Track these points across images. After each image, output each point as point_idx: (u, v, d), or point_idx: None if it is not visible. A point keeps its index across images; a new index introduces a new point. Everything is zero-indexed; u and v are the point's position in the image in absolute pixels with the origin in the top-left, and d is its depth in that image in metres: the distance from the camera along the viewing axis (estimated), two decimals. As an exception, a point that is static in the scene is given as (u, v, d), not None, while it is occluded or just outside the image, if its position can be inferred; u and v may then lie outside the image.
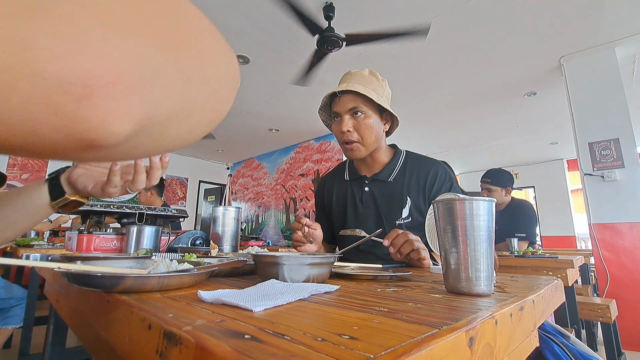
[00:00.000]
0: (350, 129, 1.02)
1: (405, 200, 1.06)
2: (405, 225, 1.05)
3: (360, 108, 1.02)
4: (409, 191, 1.06)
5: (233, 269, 0.68)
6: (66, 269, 0.46)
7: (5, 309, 2.01)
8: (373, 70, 1.08)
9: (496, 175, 2.59)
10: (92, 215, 1.13)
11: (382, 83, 1.07)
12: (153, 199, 2.83)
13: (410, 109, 4.48)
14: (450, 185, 1.06)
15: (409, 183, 1.07)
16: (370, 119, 1.03)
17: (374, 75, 1.07)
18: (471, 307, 0.39)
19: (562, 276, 1.69)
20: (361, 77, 1.05)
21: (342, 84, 1.05)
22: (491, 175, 2.60)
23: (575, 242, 6.70)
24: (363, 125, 1.03)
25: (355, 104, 1.02)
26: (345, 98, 1.03)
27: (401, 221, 1.05)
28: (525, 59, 3.30)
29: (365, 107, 1.03)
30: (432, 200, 1.05)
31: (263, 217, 6.79)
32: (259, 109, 4.62)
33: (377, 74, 1.07)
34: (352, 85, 1.01)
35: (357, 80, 1.04)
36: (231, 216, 1.07)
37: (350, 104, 1.02)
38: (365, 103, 1.03)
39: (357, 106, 1.02)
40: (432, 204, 0.56)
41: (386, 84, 1.09)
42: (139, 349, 0.32)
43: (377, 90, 1.04)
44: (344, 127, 1.02)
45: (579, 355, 0.64)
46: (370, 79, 1.05)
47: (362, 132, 1.03)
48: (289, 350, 0.22)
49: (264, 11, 2.62)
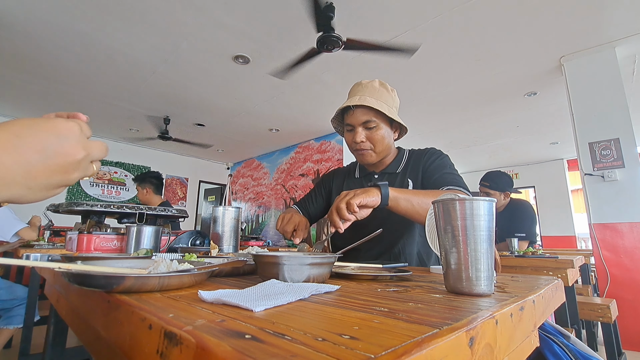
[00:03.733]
0: (363, 139, 1.09)
1: (407, 182, 1.13)
2: None
3: (373, 121, 1.07)
4: (410, 175, 1.14)
5: (233, 269, 0.68)
6: (67, 269, 0.46)
7: (8, 309, 2.02)
8: (382, 82, 1.13)
9: (495, 179, 2.53)
10: (92, 215, 1.13)
11: (392, 94, 1.12)
12: (149, 197, 2.82)
13: (410, 109, 4.49)
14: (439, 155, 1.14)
15: (410, 169, 1.16)
16: (382, 130, 1.09)
17: (384, 87, 1.11)
18: (471, 307, 0.39)
19: (562, 276, 1.69)
20: (372, 89, 1.09)
21: (354, 97, 1.08)
22: (489, 179, 2.54)
23: (575, 242, 6.70)
24: (375, 137, 1.09)
25: (368, 117, 1.07)
26: (359, 111, 1.07)
27: None
28: (525, 59, 3.30)
29: (377, 119, 1.08)
30: (424, 169, 1.11)
31: (263, 217, 6.79)
32: (259, 109, 4.62)
33: (387, 85, 1.12)
34: (365, 100, 1.05)
35: (369, 92, 1.08)
36: (231, 216, 1.07)
37: (363, 118, 1.07)
38: (377, 116, 1.07)
39: (370, 120, 1.07)
40: (432, 204, 0.56)
41: (395, 94, 1.14)
42: (139, 348, 0.32)
43: (388, 102, 1.09)
44: (358, 138, 1.08)
45: (579, 355, 0.64)
46: (381, 90, 1.10)
47: (375, 142, 1.09)
48: (290, 350, 0.22)
49: (264, 11, 2.62)
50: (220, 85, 3.91)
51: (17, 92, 4.16)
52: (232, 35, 2.93)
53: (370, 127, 1.08)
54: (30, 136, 0.31)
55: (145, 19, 2.74)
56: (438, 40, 2.99)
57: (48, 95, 4.22)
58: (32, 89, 4.07)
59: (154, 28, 2.85)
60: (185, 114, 4.82)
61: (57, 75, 3.69)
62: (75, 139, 0.34)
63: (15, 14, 2.68)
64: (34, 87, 4.00)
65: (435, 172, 1.08)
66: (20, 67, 3.54)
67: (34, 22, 2.78)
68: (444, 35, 2.92)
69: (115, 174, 6.13)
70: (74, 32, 2.91)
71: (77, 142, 0.34)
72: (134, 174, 6.19)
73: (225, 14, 2.67)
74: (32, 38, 3.00)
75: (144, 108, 4.63)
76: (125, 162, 6.27)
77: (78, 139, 0.35)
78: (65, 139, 0.34)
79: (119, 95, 4.20)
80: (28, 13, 2.67)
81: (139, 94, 4.18)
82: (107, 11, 2.64)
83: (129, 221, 1.18)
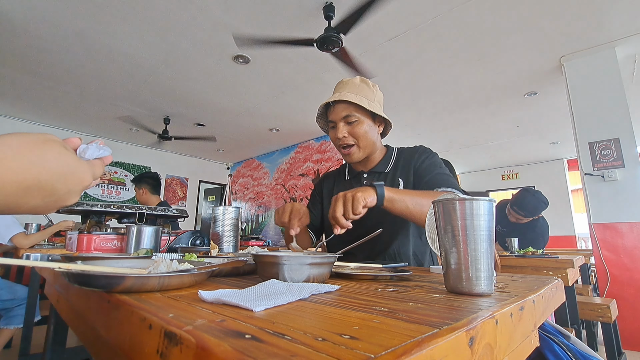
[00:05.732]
0: (345, 134, 1.09)
1: (398, 182, 1.13)
2: None
3: (353, 115, 1.08)
4: (401, 174, 1.14)
5: (233, 269, 0.68)
6: (67, 269, 0.46)
7: (8, 309, 2.01)
8: (363, 78, 1.14)
9: (531, 210, 2.55)
10: (92, 215, 1.13)
11: (373, 89, 1.13)
12: (147, 197, 2.83)
13: (410, 109, 4.48)
14: (429, 154, 1.14)
15: (400, 168, 1.16)
16: (364, 124, 1.09)
17: (365, 82, 1.13)
18: (471, 307, 0.39)
19: (562, 276, 1.69)
20: (352, 85, 1.11)
21: (335, 94, 1.11)
22: (525, 209, 2.55)
23: (575, 242, 6.70)
24: (358, 131, 1.09)
25: (348, 111, 1.08)
26: (339, 107, 1.09)
27: None
28: (525, 59, 3.30)
29: (358, 114, 1.08)
30: (415, 168, 1.10)
31: (263, 217, 6.79)
32: (259, 109, 4.62)
33: (368, 81, 1.13)
34: (344, 95, 1.07)
35: (349, 88, 1.10)
36: (231, 216, 1.07)
37: (343, 112, 1.08)
38: (357, 110, 1.08)
39: (350, 114, 1.08)
40: (432, 204, 0.56)
41: (377, 89, 1.15)
42: (139, 348, 0.32)
43: (368, 97, 1.10)
44: (339, 134, 1.09)
45: (579, 355, 0.64)
46: (362, 86, 1.11)
47: (357, 137, 1.10)
48: (290, 350, 0.22)
49: (264, 11, 2.62)
50: (220, 85, 3.91)
51: (17, 92, 4.16)
52: (232, 35, 2.93)
53: (351, 121, 1.08)
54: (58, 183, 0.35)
55: (146, 19, 2.73)
56: (438, 40, 2.99)
57: (48, 95, 4.22)
58: (32, 89, 4.07)
59: (154, 28, 2.85)
60: (185, 114, 4.82)
61: (57, 75, 3.69)
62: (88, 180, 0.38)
63: (15, 14, 2.68)
64: (34, 86, 4.00)
65: (427, 173, 1.08)
66: (20, 67, 3.54)
67: (34, 22, 2.78)
68: (444, 35, 2.92)
69: (115, 174, 6.13)
70: (74, 32, 2.91)
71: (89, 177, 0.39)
72: (133, 174, 6.19)
73: (225, 14, 2.67)
74: (32, 38, 3.00)
75: (144, 108, 4.63)
76: (125, 162, 6.27)
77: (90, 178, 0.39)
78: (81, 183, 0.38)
79: (119, 95, 4.20)
80: (28, 13, 2.67)
81: (139, 94, 4.18)
82: (108, 11, 2.64)
83: (129, 221, 1.18)
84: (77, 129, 5.54)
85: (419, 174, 1.10)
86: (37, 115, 4.96)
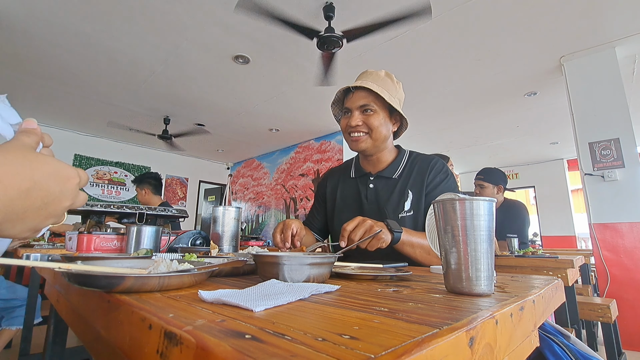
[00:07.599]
0: (359, 122, 1.06)
1: (407, 194, 1.09)
2: (407, 219, 1.07)
3: (371, 106, 1.06)
4: (412, 186, 1.10)
5: (233, 269, 0.68)
6: (67, 269, 0.46)
7: (9, 310, 2.01)
8: (389, 72, 1.11)
9: (489, 173, 2.66)
10: (92, 215, 1.13)
11: (397, 85, 1.11)
12: (149, 197, 2.83)
13: (410, 109, 4.49)
14: (445, 176, 1.10)
15: (411, 178, 1.11)
16: (380, 117, 1.07)
17: (389, 77, 1.10)
18: (471, 307, 0.39)
19: (562, 276, 1.69)
20: (377, 76, 1.08)
21: (357, 81, 1.08)
22: (484, 173, 2.68)
23: (575, 242, 6.70)
24: (373, 122, 1.06)
25: (367, 101, 1.05)
26: (358, 95, 1.06)
27: (403, 214, 1.07)
28: (525, 59, 3.30)
29: (376, 105, 1.06)
30: (428, 188, 1.07)
31: (263, 217, 6.79)
32: (259, 109, 4.62)
33: (393, 76, 1.11)
34: (366, 83, 1.04)
35: (373, 79, 1.07)
36: (231, 216, 1.07)
37: (362, 101, 1.06)
38: (376, 102, 1.06)
39: (368, 104, 1.05)
40: (432, 204, 0.56)
41: (400, 86, 1.13)
42: (139, 348, 0.32)
43: (390, 91, 1.07)
44: (353, 121, 1.06)
45: (579, 355, 0.64)
46: (385, 79, 1.09)
47: (371, 127, 1.07)
48: (290, 350, 0.22)
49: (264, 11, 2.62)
50: (220, 85, 3.91)
51: (17, 92, 4.16)
52: (232, 35, 2.93)
53: (367, 111, 1.06)
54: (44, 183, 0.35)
55: (146, 19, 2.73)
56: (438, 40, 2.99)
57: (48, 95, 4.22)
58: (32, 89, 4.07)
59: (154, 28, 2.85)
60: (185, 114, 4.82)
61: (57, 75, 3.69)
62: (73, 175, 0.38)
63: (15, 13, 2.68)
64: (34, 86, 4.00)
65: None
66: (20, 67, 3.54)
67: (34, 22, 2.78)
68: (444, 35, 2.91)
69: (115, 174, 6.13)
70: (74, 32, 2.91)
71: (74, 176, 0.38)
72: (134, 174, 6.19)
73: (225, 14, 2.67)
74: (32, 38, 3.00)
75: (144, 108, 4.63)
76: (125, 162, 6.27)
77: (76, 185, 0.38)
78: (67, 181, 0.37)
79: (119, 95, 4.20)
80: (29, 13, 2.67)
81: (139, 94, 4.18)
82: (108, 11, 2.65)
83: (129, 221, 1.18)
84: (77, 129, 5.55)
85: (431, 195, 1.06)
86: (37, 115, 4.96)
